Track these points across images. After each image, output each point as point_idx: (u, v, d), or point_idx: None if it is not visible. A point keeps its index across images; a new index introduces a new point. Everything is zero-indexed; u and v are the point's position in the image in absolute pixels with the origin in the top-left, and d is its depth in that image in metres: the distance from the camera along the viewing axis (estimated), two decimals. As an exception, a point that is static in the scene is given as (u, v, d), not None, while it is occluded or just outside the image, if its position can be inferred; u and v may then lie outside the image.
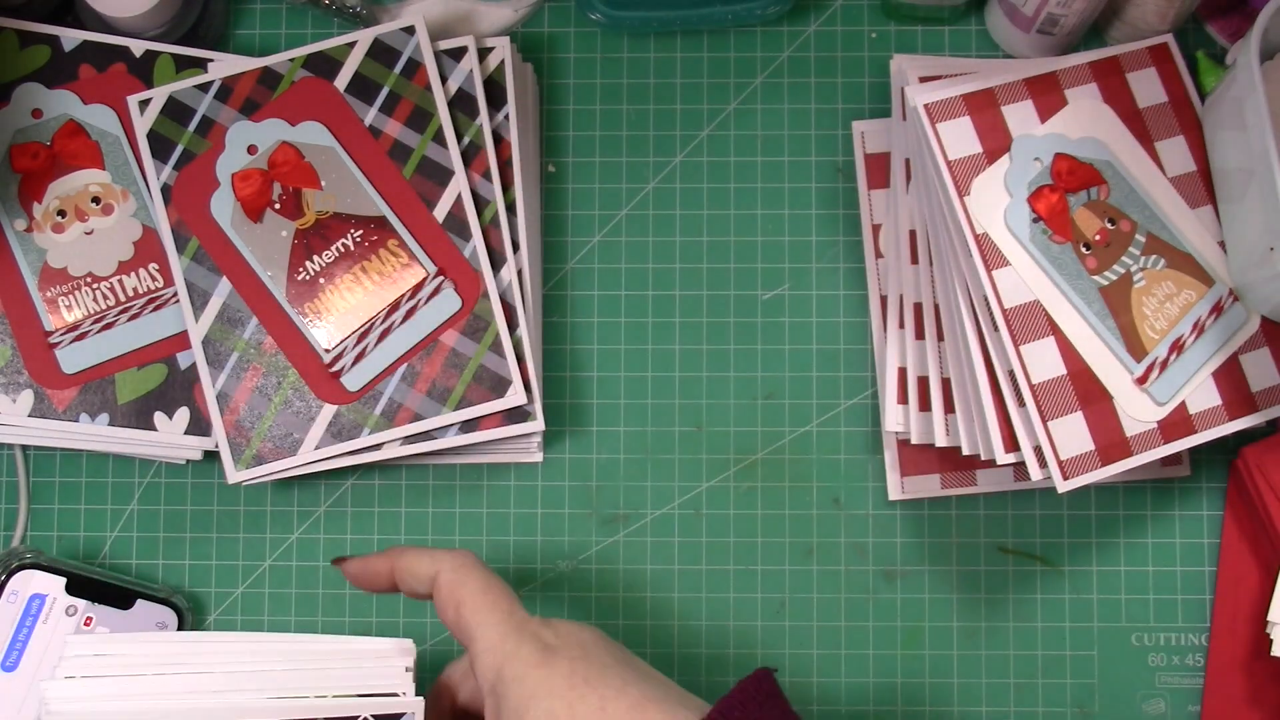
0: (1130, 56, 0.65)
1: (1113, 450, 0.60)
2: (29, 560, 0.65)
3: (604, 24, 0.68)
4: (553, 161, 0.69)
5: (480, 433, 0.64)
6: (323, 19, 0.70)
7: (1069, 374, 0.60)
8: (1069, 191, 0.62)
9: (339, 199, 0.65)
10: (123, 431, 0.65)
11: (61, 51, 0.67)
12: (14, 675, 0.64)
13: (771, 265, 0.68)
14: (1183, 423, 0.61)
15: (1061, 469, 0.59)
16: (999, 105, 0.63)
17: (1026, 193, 0.62)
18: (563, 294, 0.69)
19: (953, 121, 0.62)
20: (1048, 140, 0.63)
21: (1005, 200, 0.61)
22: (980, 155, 0.62)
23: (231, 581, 0.67)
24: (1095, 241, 0.62)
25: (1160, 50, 0.65)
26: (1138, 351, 0.61)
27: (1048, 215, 0.62)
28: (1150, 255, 0.62)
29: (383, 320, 0.64)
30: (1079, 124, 0.63)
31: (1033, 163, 0.62)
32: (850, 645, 0.67)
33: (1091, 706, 0.66)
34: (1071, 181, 0.62)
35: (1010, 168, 0.62)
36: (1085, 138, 0.63)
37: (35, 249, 0.66)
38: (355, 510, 0.68)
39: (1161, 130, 0.64)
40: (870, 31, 0.70)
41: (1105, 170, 0.63)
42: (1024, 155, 0.62)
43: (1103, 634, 0.66)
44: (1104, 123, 0.63)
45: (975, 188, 0.61)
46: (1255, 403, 0.62)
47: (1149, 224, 0.63)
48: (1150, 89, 0.64)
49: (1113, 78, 0.64)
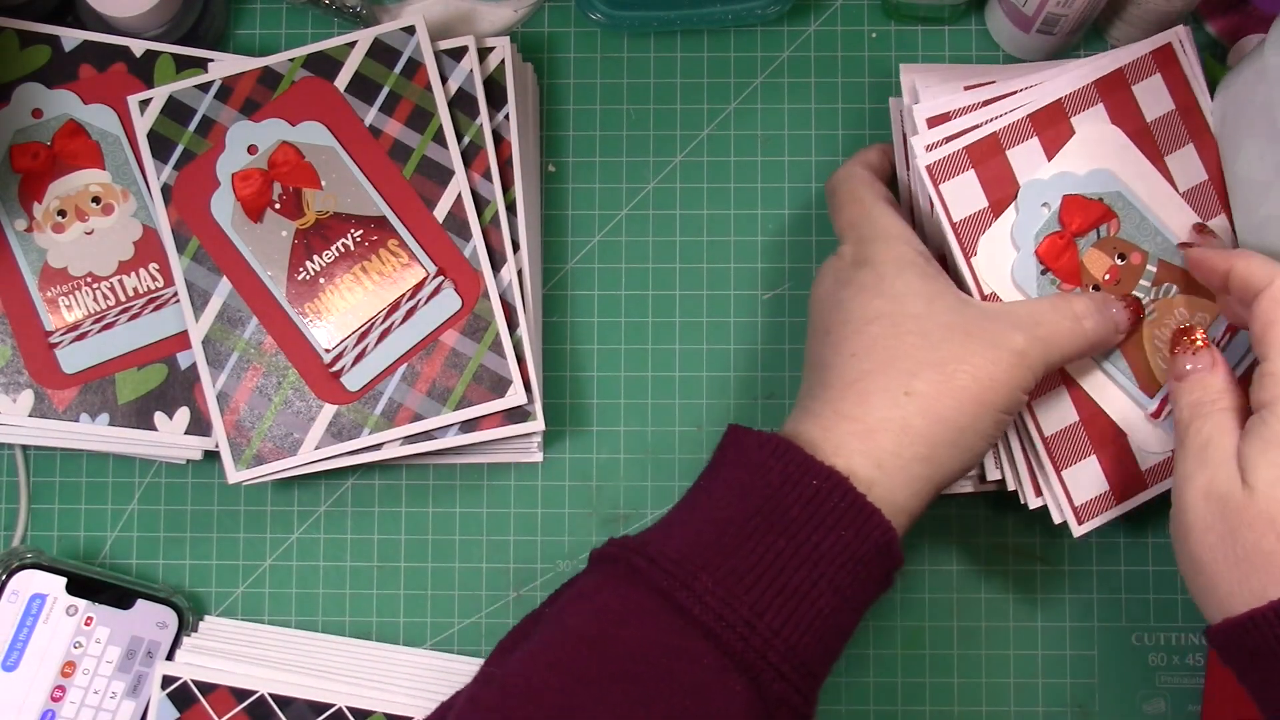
0: (1135, 66, 0.62)
1: (1128, 487, 0.60)
2: (29, 560, 0.65)
3: (604, 24, 0.68)
4: (553, 161, 0.69)
5: (480, 433, 0.64)
6: (323, 19, 0.70)
7: (1081, 420, 0.60)
8: (1078, 235, 0.60)
9: (339, 199, 0.65)
10: (123, 431, 0.65)
11: (61, 51, 0.67)
12: (14, 675, 0.64)
13: (771, 265, 0.68)
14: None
15: (1076, 514, 0.60)
16: (1004, 150, 0.60)
17: (1034, 244, 0.60)
18: (563, 294, 0.69)
19: (956, 179, 0.60)
20: (1055, 182, 0.60)
21: (1012, 256, 0.60)
22: (986, 210, 0.60)
23: (231, 581, 0.67)
24: (1105, 282, 0.60)
25: (1164, 53, 0.62)
26: (1150, 388, 0.60)
27: (1056, 264, 0.60)
28: (1162, 284, 0.61)
29: (383, 320, 0.64)
30: (1088, 155, 0.61)
31: (1040, 209, 0.60)
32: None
33: (1091, 706, 0.66)
34: (1081, 224, 0.60)
35: (1017, 219, 0.60)
36: (1094, 170, 0.61)
37: (35, 249, 0.66)
38: (355, 510, 0.68)
39: (1171, 142, 0.62)
40: (870, 31, 0.70)
41: (1115, 203, 0.61)
42: (1031, 203, 0.60)
43: (1103, 634, 0.66)
44: (1113, 148, 0.61)
45: (982, 247, 0.60)
46: None
47: (1160, 251, 0.61)
48: (1157, 99, 0.62)
49: (1118, 93, 0.61)
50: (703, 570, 0.48)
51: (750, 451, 0.51)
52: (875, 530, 0.49)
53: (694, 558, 0.48)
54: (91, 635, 0.64)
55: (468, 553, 0.67)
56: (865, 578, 0.50)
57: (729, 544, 0.49)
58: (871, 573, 0.50)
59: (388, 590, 0.67)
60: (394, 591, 0.67)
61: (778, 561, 0.48)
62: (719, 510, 0.50)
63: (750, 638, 0.47)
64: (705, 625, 0.47)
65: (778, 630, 0.47)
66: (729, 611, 0.47)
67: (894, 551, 0.51)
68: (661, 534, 0.51)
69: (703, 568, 0.48)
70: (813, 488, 0.49)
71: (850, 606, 0.50)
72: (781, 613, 0.48)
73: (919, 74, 0.63)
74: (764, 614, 0.47)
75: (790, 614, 0.48)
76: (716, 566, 0.48)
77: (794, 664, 0.48)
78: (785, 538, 0.49)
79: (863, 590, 0.50)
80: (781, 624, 0.48)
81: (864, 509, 0.49)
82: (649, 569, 0.48)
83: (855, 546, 0.49)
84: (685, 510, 0.52)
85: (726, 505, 0.50)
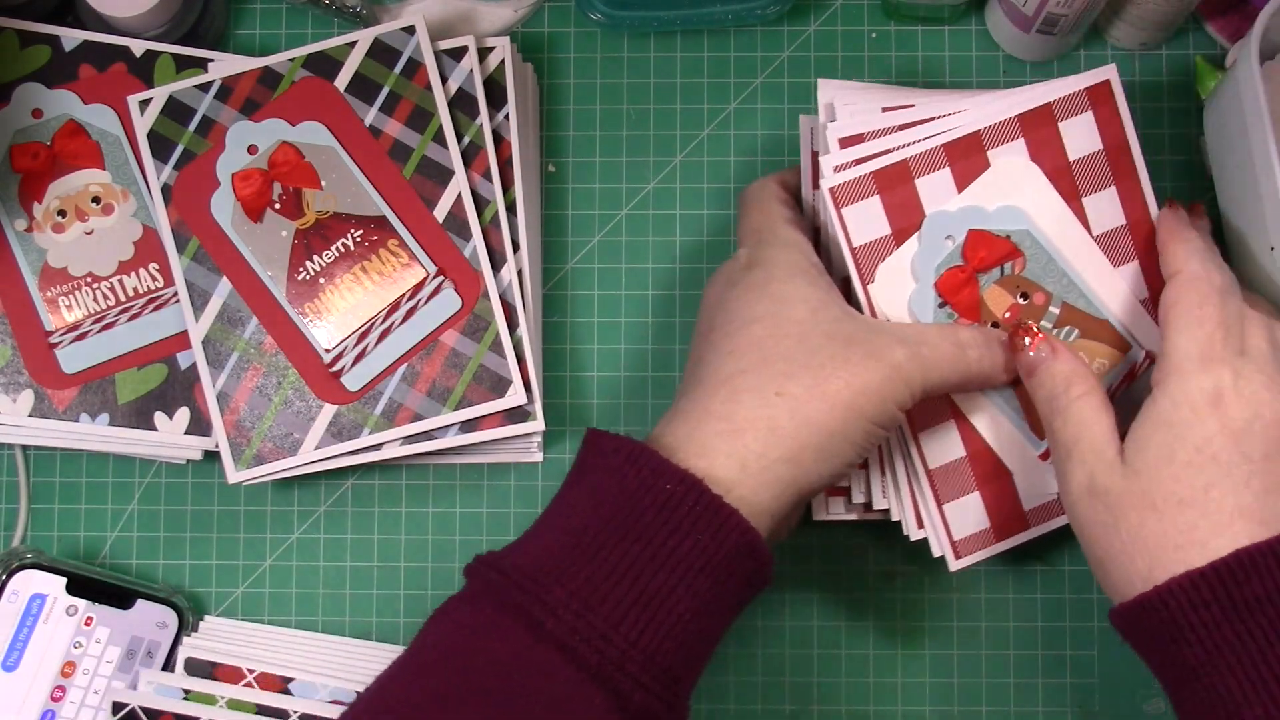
0: (1066, 102, 0.58)
1: (1009, 526, 0.60)
2: (29, 560, 0.65)
3: (604, 24, 0.68)
4: (553, 161, 0.69)
5: (480, 433, 0.64)
6: (323, 19, 0.70)
7: (968, 455, 0.59)
8: (980, 271, 0.58)
9: (339, 199, 0.65)
10: (123, 431, 0.65)
11: (61, 51, 0.67)
12: (14, 675, 0.64)
13: (771, 265, 0.68)
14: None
15: (954, 549, 0.60)
16: (913, 178, 0.57)
17: (934, 276, 0.58)
18: (563, 294, 0.69)
19: (860, 204, 0.57)
20: (962, 215, 0.58)
21: (911, 286, 0.58)
22: (888, 238, 0.58)
23: (231, 581, 0.67)
24: (1004, 320, 0.58)
25: (1100, 90, 0.59)
26: (1040, 429, 0.59)
27: (954, 298, 0.58)
28: (1064, 327, 0.59)
29: (383, 320, 0.64)
30: (1000, 191, 0.58)
31: (943, 241, 0.58)
32: (851, 645, 0.67)
33: (1091, 706, 0.66)
34: (984, 260, 0.58)
35: (919, 250, 0.58)
36: (1004, 207, 0.58)
37: (35, 249, 0.66)
38: (355, 510, 0.68)
39: (1092, 183, 0.59)
40: (870, 31, 0.70)
41: (1023, 241, 0.58)
42: (935, 235, 0.58)
43: (1103, 634, 0.66)
44: (1028, 185, 0.58)
45: (880, 275, 0.58)
46: None
47: (1065, 293, 0.59)
48: (1084, 138, 0.59)
49: (1043, 129, 0.58)
50: (557, 583, 0.47)
51: (606, 456, 0.51)
52: (734, 532, 0.49)
53: (549, 569, 0.48)
54: (91, 635, 0.64)
55: (468, 553, 0.67)
56: (726, 579, 0.49)
57: (584, 554, 0.48)
58: (734, 574, 0.50)
59: (388, 590, 0.67)
60: (394, 591, 0.67)
61: (633, 569, 0.48)
62: (574, 518, 0.50)
63: (606, 649, 0.46)
64: (560, 639, 0.46)
65: (634, 640, 0.47)
66: (584, 624, 0.46)
67: (758, 552, 0.50)
68: (519, 546, 0.50)
69: (557, 580, 0.47)
70: (667, 492, 0.49)
71: (713, 610, 0.49)
72: (639, 622, 0.47)
73: (837, 90, 0.60)
74: (620, 624, 0.47)
75: (648, 622, 0.47)
76: (571, 577, 0.47)
77: (654, 672, 0.47)
78: (641, 544, 0.48)
79: (726, 592, 0.50)
80: (639, 633, 0.47)
81: (721, 511, 0.49)
82: (503, 583, 0.48)
83: (712, 550, 0.49)
84: (544, 520, 0.51)
85: (582, 513, 0.50)
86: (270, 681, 0.63)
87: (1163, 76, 0.69)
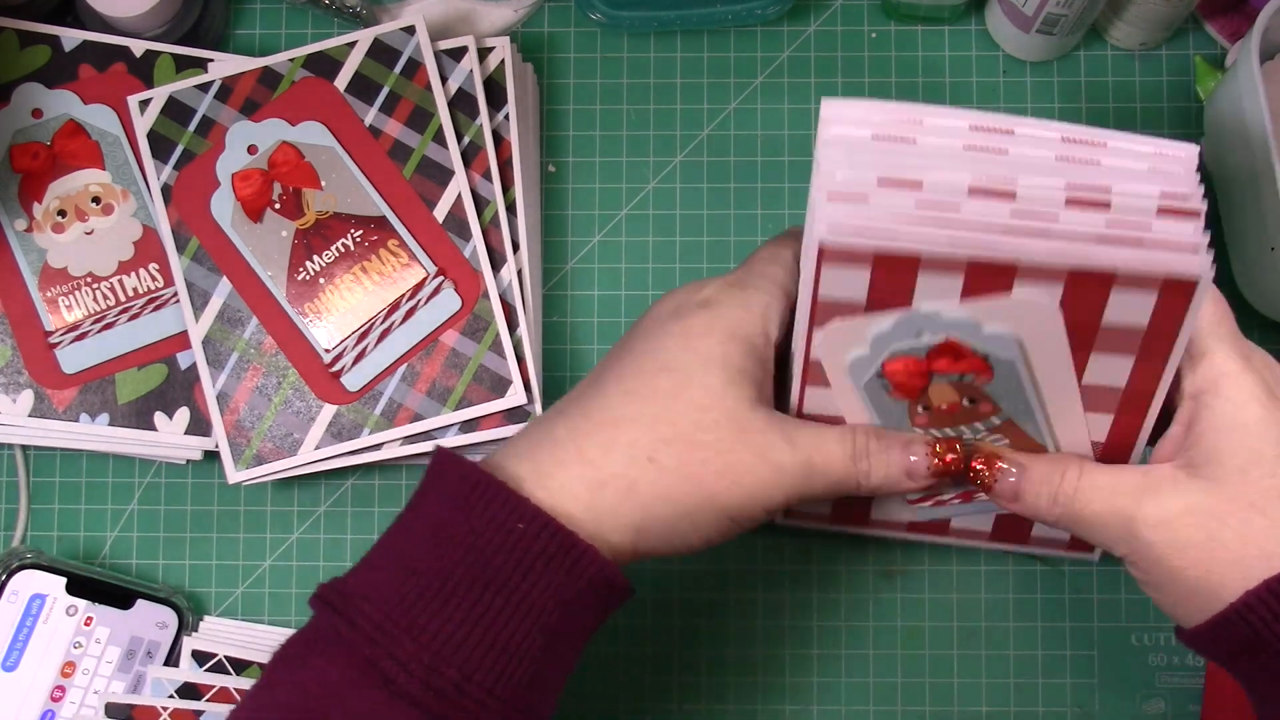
0: (1132, 279, 0.45)
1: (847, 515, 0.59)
2: (29, 560, 0.65)
3: (604, 24, 0.68)
4: (553, 161, 0.69)
5: (480, 433, 0.64)
6: (323, 19, 0.70)
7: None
8: (938, 374, 0.50)
9: (339, 199, 0.65)
10: (123, 431, 0.65)
11: (61, 51, 0.67)
12: (14, 675, 0.64)
13: (771, 265, 0.68)
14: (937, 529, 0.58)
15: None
16: (917, 272, 0.46)
17: (886, 355, 0.50)
18: (563, 294, 0.69)
19: (846, 269, 0.47)
20: (950, 324, 0.48)
21: (860, 351, 0.50)
22: (858, 305, 0.48)
23: (231, 581, 0.67)
24: (939, 409, 0.51)
25: (1180, 288, 0.46)
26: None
27: (898, 383, 0.50)
28: (996, 434, 0.52)
29: (383, 320, 0.64)
30: (1004, 317, 0.47)
31: (916, 336, 0.49)
32: (850, 645, 0.67)
33: (1091, 706, 0.66)
34: (947, 369, 0.50)
35: (886, 329, 0.49)
36: (1001, 334, 0.48)
37: (35, 249, 0.66)
38: (355, 510, 0.68)
39: (1111, 346, 0.48)
40: (870, 31, 0.70)
41: (1001, 369, 0.49)
42: (911, 326, 0.48)
43: (1103, 634, 0.66)
44: (1039, 326, 0.47)
45: (834, 327, 0.49)
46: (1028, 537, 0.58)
47: (1016, 415, 0.51)
48: (1130, 312, 0.47)
49: (1090, 290, 0.46)
50: (406, 634, 0.45)
51: (453, 484, 0.48)
52: (589, 568, 0.47)
53: (398, 619, 0.46)
54: (91, 635, 0.64)
55: (468, 553, 0.67)
56: (582, 611, 0.48)
57: (433, 601, 0.46)
58: (590, 606, 0.48)
59: (388, 590, 0.67)
60: (394, 591, 0.67)
61: (485, 617, 0.46)
62: (421, 558, 0.47)
63: (461, 700, 0.45)
64: (413, 695, 0.45)
65: (490, 688, 0.46)
66: (436, 678, 0.45)
67: (616, 584, 0.48)
68: (367, 578, 0.48)
69: (407, 630, 0.46)
70: (519, 531, 0.46)
71: (568, 639, 0.48)
72: (493, 671, 0.46)
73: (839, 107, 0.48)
74: (473, 674, 0.45)
75: (502, 670, 0.46)
76: (421, 629, 0.46)
77: (511, 715, 0.46)
78: (491, 590, 0.46)
79: (583, 621, 0.48)
80: (494, 681, 0.46)
81: (574, 548, 0.47)
82: (353, 635, 0.46)
83: (566, 589, 0.47)
84: (391, 551, 0.49)
85: (430, 552, 0.47)
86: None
87: (1163, 76, 0.69)
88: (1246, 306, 0.65)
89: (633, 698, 0.66)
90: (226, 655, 0.63)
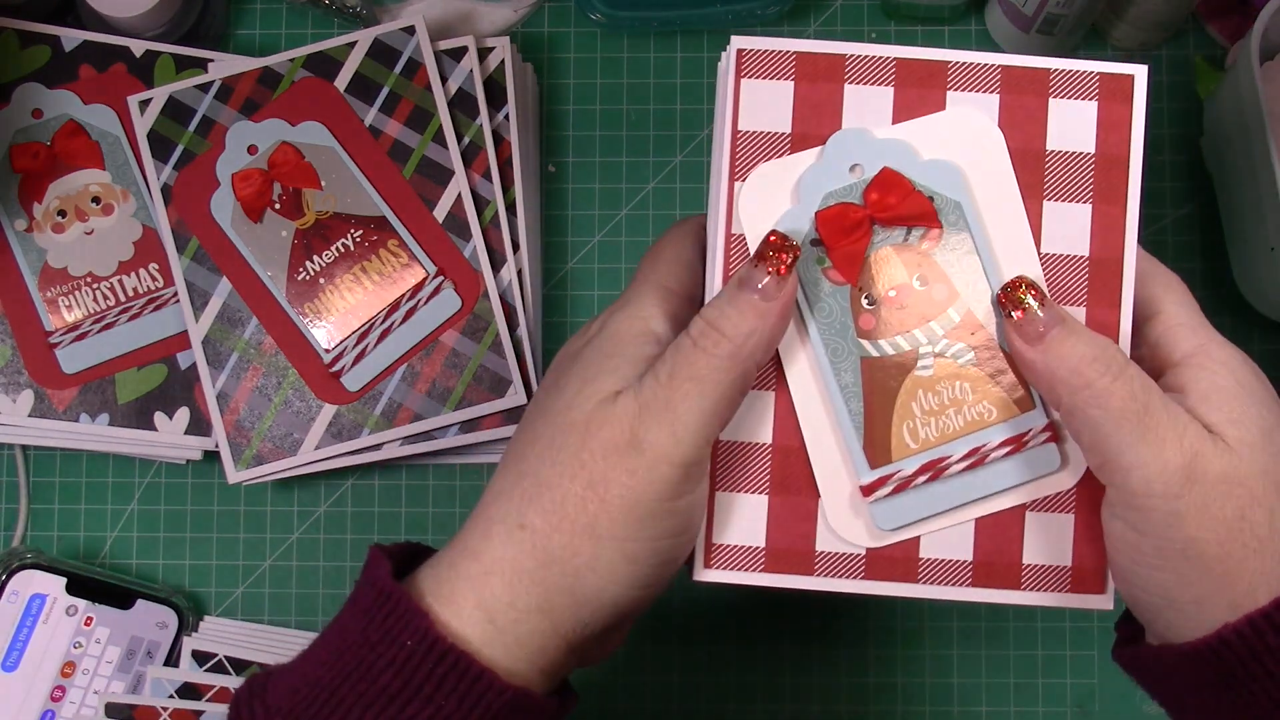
0: (1069, 78, 0.45)
1: (787, 559, 0.46)
2: (29, 560, 0.65)
3: (604, 24, 0.68)
4: (553, 161, 0.69)
5: (480, 433, 0.64)
6: (323, 19, 0.70)
7: (774, 446, 0.46)
8: (879, 222, 0.45)
9: (339, 199, 0.65)
10: (123, 431, 0.65)
11: (61, 51, 0.67)
12: (14, 675, 0.64)
13: (771, 265, 0.68)
14: (905, 564, 0.46)
15: (708, 554, 0.46)
16: (844, 80, 0.45)
17: (817, 204, 0.45)
18: (563, 294, 0.69)
19: (767, 83, 0.44)
20: (884, 147, 0.45)
21: (786, 206, 0.45)
22: (784, 137, 0.45)
23: (231, 581, 0.67)
24: (886, 299, 0.45)
25: (1117, 84, 0.45)
26: (877, 455, 0.46)
27: (835, 243, 0.45)
28: (957, 342, 0.45)
29: (383, 320, 0.64)
30: (943, 139, 0.45)
31: (848, 169, 0.45)
32: (850, 645, 0.67)
33: (1091, 706, 0.66)
34: (889, 209, 0.45)
35: (814, 166, 0.45)
36: (941, 161, 0.45)
37: (35, 249, 0.66)
38: (355, 510, 0.68)
39: (1063, 189, 0.45)
40: (870, 31, 0.70)
41: (947, 213, 0.45)
42: (841, 155, 0.45)
43: (1103, 634, 0.66)
44: (981, 150, 0.45)
45: (755, 177, 0.45)
46: (1019, 578, 0.46)
47: (974, 303, 0.45)
48: (1075, 130, 0.45)
49: (1028, 96, 0.45)
50: None
51: (364, 590, 0.43)
52: (489, 694, 0.41)
53: None
54: (91, 635, 0.64)
55: (468, 553, 0.67)
56: None
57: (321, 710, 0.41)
58: None
59: (388, 590, 0.67)
60: (394, 591, 0.67)
61: None
62: (324, 668, 0.42)
63: None
64: None
65: None
66: None
67: (533, 704, 0.42)
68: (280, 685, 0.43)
69: None
70: (407, 649, 0.41)
71: None
72: None
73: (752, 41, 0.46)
74: None
75: None
76: None
77: None
78: (375, 710, 0.41)
79: None
80: None
81: (468, 673, 0.41)
82: None
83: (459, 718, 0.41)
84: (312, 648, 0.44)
85: (331, 661, 0.42)
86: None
87: (1163, 76, 0.69)
88: (1246, 306, 0.65)
89: (632, 671, 0.66)
90: (226, 655, 0.63)
